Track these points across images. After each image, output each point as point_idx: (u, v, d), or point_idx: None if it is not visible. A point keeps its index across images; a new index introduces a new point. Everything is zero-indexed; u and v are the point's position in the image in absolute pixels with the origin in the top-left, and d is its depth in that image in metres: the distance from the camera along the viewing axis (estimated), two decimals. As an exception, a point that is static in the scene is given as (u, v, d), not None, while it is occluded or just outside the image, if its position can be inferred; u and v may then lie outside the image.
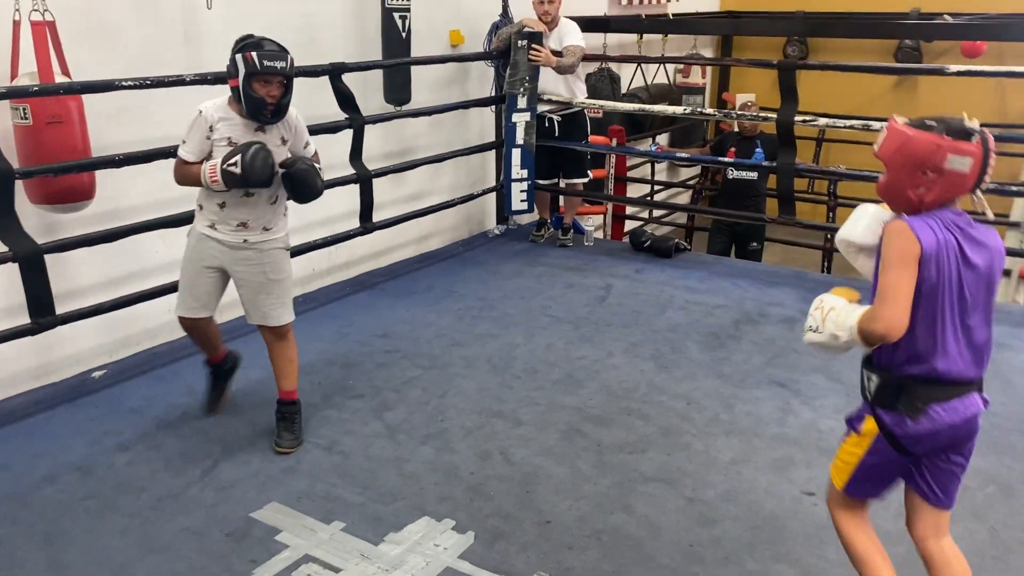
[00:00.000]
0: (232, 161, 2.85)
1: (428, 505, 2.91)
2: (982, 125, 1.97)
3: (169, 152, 3.78)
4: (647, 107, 6.39)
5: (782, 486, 3.05)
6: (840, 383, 3.83)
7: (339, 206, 5.06)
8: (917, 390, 2.02)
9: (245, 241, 3.09)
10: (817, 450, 3.28)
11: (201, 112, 2.98)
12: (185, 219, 3.97)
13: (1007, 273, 6.05)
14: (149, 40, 4.01)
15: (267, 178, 2.93)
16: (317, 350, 4.14)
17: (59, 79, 3.44)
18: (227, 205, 3.05)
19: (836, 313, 2.06)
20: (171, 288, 4.03)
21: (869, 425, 2.11)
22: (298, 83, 4.46)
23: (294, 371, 3.33)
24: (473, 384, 3.81)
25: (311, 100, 4.72)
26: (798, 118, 4.97)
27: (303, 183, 3.05)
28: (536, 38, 5.39)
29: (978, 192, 2.01)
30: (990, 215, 2.12)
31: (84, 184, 3.59)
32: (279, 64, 2.89)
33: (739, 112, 5.63)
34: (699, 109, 7.85)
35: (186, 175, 3.03)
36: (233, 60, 2.89)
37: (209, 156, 3.01)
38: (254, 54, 2.85)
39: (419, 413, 3.55)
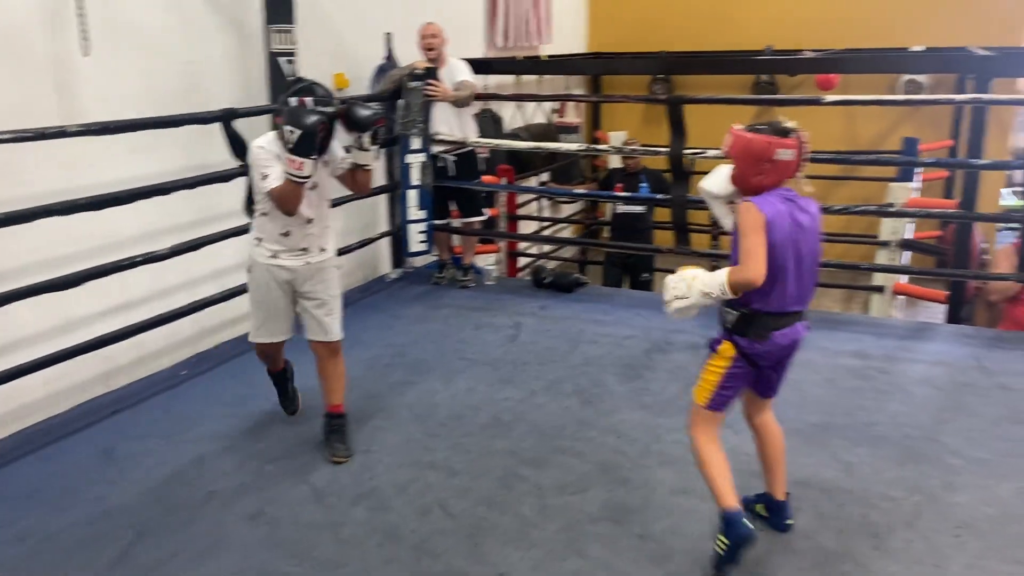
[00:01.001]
0: (289, 139, 3.04)
1: (373, 570, 2.73)
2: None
3: (50, 210, 3.49)
4: (544, 144, 6.47)
5: (725, 513, 3.05)
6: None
7: (228, 259, 4.81)
8: (764, 321, 2.67)
9: (307, 264, 3.38)
10: (748, 473, 3.28)
11: (263, 147, 3.23)
12: (64, 283, 3.66)
13: (881, 289, 6.42)
14: (16, 91, 3.69)
15: (318, 117, 3.07)
16: (221, 414, 3.88)
17: (-80, 134, 3.11)
18: (291, 234, 3.32)
19: (700, 280, 2.62)
20: (51, 360, 3.70)
21: (725, 347, 2.73)
22: (183, 131, 4.31)
23: (343, 386, 3.59)
24: (397, 436, 3.65)
25: (196, 148, 4.51)
26: (687, 151, 5.12)
27: (357, 116, 3.26)
28: (432, 73, 5.35)
29: (799, 175, 2.66)
30: (808, 190, 2.72)
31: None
32: (329, 109, 3.16)
33: (632, 148, 5.75)
34: (592, 146, 7.99)
35: (285, 193, 3.17)
36: (287, 103, 3.14)
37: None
38: (308, 99, 3.13)
39: (345, 472, 3.36)
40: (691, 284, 2.62)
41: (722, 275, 2.57)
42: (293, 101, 3.12)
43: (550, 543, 2.88)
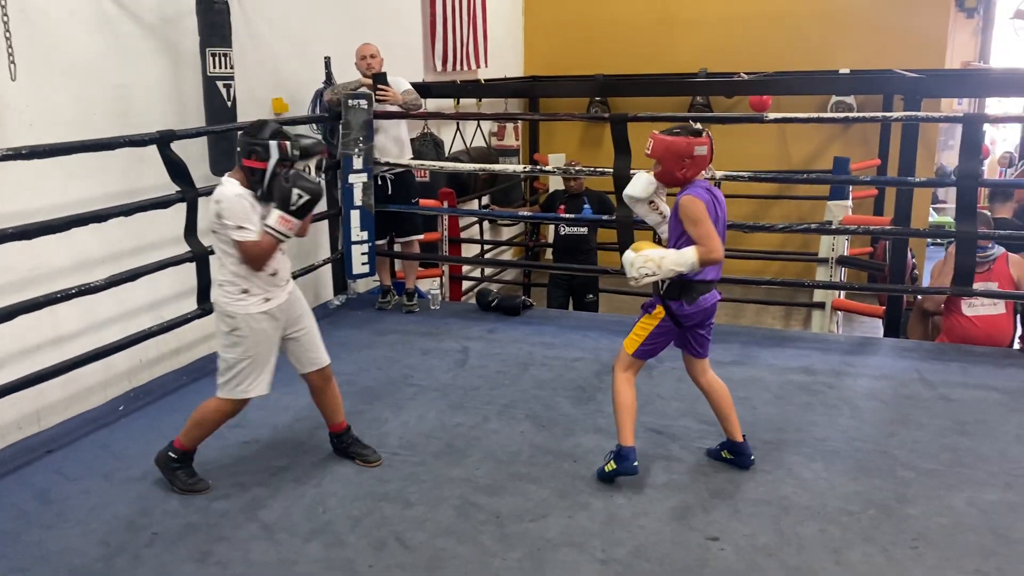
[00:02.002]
0: (294, 202, 3.04)
1: (331, 609, 2.63)
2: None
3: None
4: (488, 166, 6.47)
5: (686, 535, 3.04)
6: (710, 424, 3.90)
7: (166, 288, 4.66)
8: (697, 288, 3.23)
9: (289, 293, 3.32)
10: (708, 493, 3.31)
11: (242, 195, 3.09)
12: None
13: (821, 305, 6.54)
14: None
15: (318, 179, 3.21)
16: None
17: None
18: (278, 272, 3.24)
19: (669, 260, 3.12)
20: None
21: (659, 310, 3.30)
22: (118, 156, 4.16)
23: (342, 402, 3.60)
24: (349, 467, 3.55)
25: (132, 173, 4.37)
26: (632, 171, 5.14)
27: (304, 147, 3.20)
28: (381, 78, 5.30)
29: (710, 166, 3.27)
30: (718, 176, 3.63)
31: None
32: (300, 152, 3.18)
33: (577, 168, 5.77)
34: (537, 167, 8.00)
35: (266, 250, 3.12)
36: (265, 146, 3.07)
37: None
38: (288, 144, 3.10)
39: (296, 507, 3.24)
40: (660, 263, 3.11)
41: (691, 255, 3.09)
42: (274, 145, 3.07)
43: (512, 572, 2.82)
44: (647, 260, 3.13)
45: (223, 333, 3.21)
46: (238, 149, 3.14)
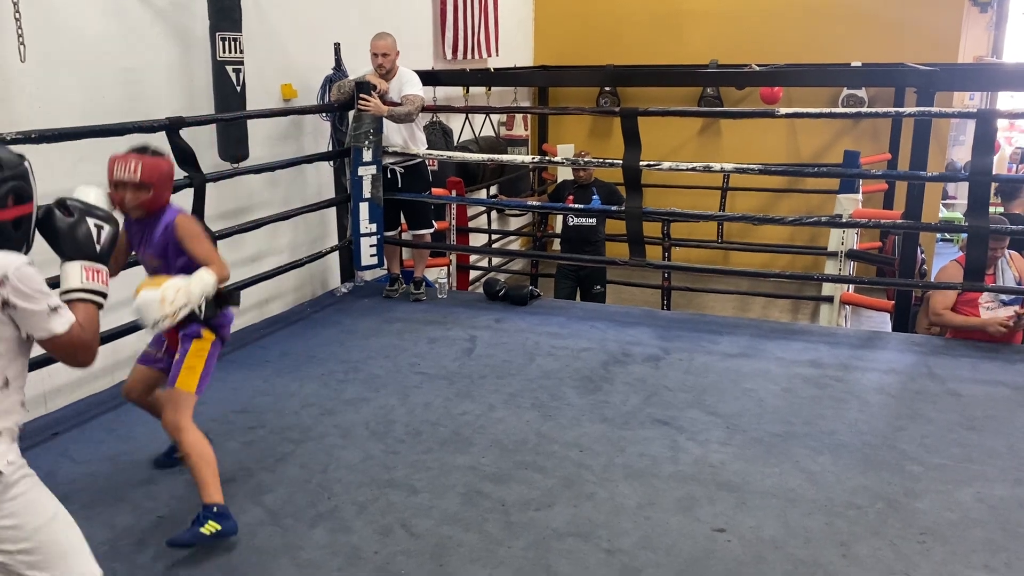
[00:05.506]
0: (99, 236, 2.11)
1: (336, 594, 2.63)
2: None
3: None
4: (498, 156, 6.47)
5: (692, 525, 3.02)
6: (717, 416, 3.91)
7: (173, 273, 4.64)
8: (231, 293, 3.09)
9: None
10: (715, 485, 3.30)
11: (25, 262, 1.89)
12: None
13: (829, 299, 6.51)
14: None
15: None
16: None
17: None
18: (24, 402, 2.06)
19: (193, 284, 2.77)
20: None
21: (207, 334, 3.03)
22: (126, 139, 4.14)
23: None
24: (355, 454, 3.54)
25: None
26: (642, 163, 5.12)
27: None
28: (364, 87, 5.26)
29: None
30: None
31: None
32: None
33: (587, 160, 5.74)
34: (548, 157, 7.99)
35: (92, 327, 2.02)
36: (23, 174, 1.93)
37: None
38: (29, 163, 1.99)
39: (302, 492, 3.24)
40: (189, 291, 2.74)
41: (209, 276, 2.83)
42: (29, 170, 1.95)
43: (518, 561, 2.81)
44: (177, 290, 2.69)
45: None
46: None
